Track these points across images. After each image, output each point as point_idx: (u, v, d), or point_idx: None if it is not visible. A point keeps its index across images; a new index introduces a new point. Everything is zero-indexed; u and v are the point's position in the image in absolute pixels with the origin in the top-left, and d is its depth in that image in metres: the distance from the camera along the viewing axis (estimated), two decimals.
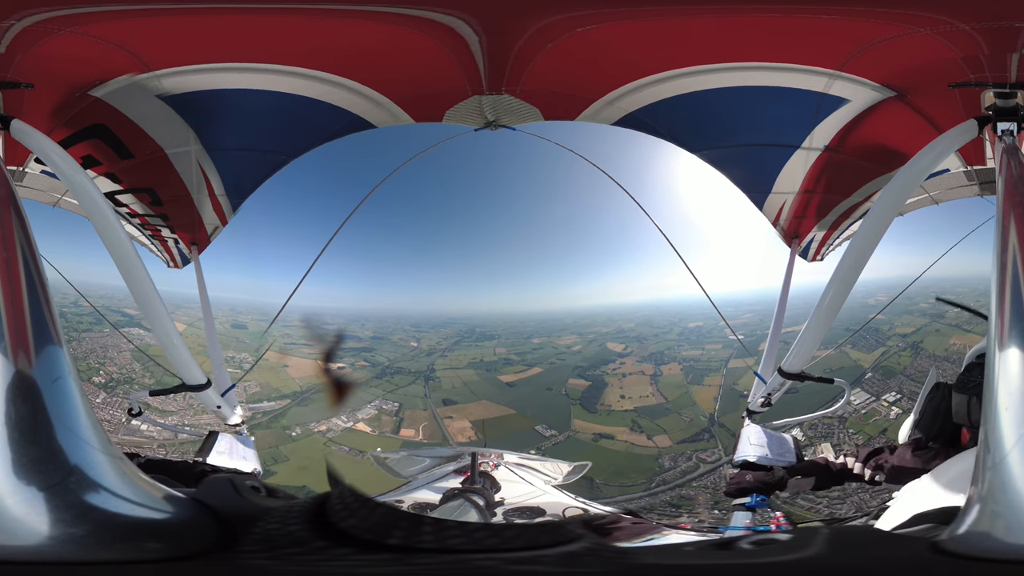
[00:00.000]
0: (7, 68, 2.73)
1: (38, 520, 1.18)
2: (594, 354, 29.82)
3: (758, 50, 3.06)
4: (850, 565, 1.23)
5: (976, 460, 1.44)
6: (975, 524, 1.32)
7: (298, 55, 3.18)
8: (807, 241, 4.87)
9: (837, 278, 3.19)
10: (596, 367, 27.89)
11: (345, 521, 1.28)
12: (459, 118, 3.77)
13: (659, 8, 2.75)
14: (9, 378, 1.29)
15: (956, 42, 2.58)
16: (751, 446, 3.75)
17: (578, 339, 32.34)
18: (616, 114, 3.76)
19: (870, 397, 17.52)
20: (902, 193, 3.03)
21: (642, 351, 28.97)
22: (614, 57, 3.22)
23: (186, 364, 3.86)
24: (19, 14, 2.45)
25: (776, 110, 3.60)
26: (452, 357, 29.56)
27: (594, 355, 29.71)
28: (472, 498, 3.41)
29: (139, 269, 3.22)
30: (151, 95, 3.29)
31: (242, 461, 3.78)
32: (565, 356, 30.44)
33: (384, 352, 28.49)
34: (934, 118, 3.28)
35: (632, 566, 1.32)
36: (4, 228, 1.54)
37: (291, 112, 3.62)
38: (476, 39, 2.87)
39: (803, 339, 3.61)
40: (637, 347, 29.37)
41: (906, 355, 19.65)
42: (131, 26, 2.78)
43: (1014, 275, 1.59)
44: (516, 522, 3.39)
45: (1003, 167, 2.10)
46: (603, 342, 31.41)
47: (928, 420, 3.26)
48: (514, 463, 4.67)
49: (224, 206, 4.43)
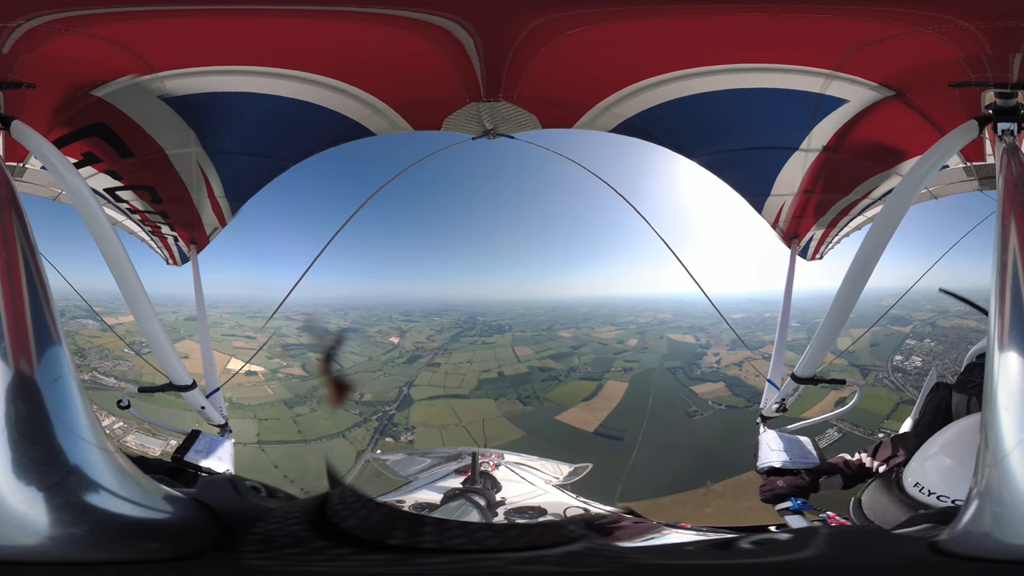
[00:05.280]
0: (9, 68, 2.74)
1: (38, 520, 1.19)
2: (675, 350, 25.87)
3: (753, 51, 3.05)
4: (850, 565, 1.23)
5: (976, 459, 1.44)
6: (975, 524, 1.32)
7: (298, 58, 3.19)
8: (806, 240, 4.87)
9: (847, 283, 3.20)
10: (695, 365, 22.88)
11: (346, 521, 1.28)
12: (457, 126, 3.78)
13: (651, 8, 2.74)
14: (9, 378, 1.29)
15: (958, 42, 2.58)
16: (772, 452, 3.74)
17: (622, 331, 26.92)
18: (613, 121, 3.76)
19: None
20: (908, 197, 3.03)
21: (718, 340, 25.75)
22: (608, 61, 3.22)
23: (172, 364, 3.92)
24: (26, 15, 2.46)
25: (773, 112, 3.60)
26: (448, 368, 23.44)
27: (677, 351, 25.95)
28: (473, 498, 3.41)
29: (130, 272, 3.27)
30: (153, 96, 3.31)
31: (217, 462, 3.81)
32: (628, 353, 25.88)
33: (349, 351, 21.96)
34: (933, 117, 3.28)
35: (633, 566, 1.32)
36: (4, 228, 1.55)
37: (291, 116, 3.62)
38: (471, 41, 2.88)
39: (815, 344, 3.60)
40: (707, 337, 25.47)
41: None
42: (135, 27, 2.79)
43: (1014, 275, 1.59)
44: (517, 522, 3.39)
45: (1003, 167, 2.10)
46: (662, 332, 26.40)
47: (928, 420, 3.26)
48: (515, 463, 4.66)
49: (223, 208, 4.44)
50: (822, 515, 3.00)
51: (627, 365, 25.68)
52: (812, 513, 3.17)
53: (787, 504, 3.23)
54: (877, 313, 5.92)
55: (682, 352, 26.46)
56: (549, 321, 29.24)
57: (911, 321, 24.78)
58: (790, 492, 3.28)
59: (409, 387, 21.41)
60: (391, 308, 29.86)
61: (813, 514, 3.16)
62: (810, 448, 3.77)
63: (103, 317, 7.10)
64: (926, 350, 24.78)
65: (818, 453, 3.73)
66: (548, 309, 31.04)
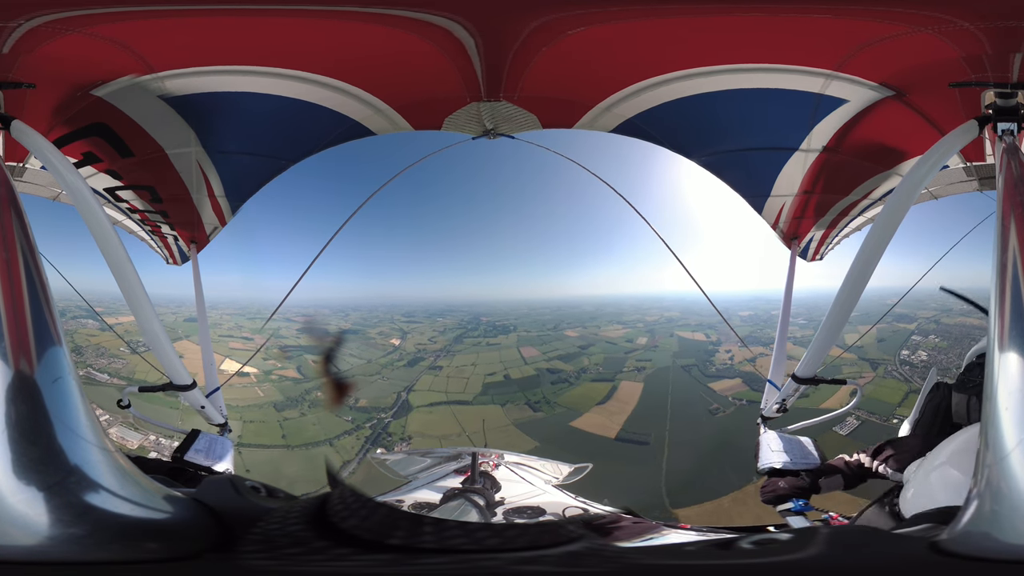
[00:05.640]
0: (9, 68, 2.74)
1: (38, 520, 1.18)
2: (686, 348, 24.89)
3: (753, 51, 3.05)
4: (850, 565, 1.23)
5: (976, 459, 1.44)
6: (975, 524, 1.32)
7: (298, 57, 3.19)
8: (806, 241, 4.87)
9: (847, 284, 3.20)
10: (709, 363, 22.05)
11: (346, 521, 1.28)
12: (458, 126, 3.78)
13: (651, 8, 2.74)
14: (9, 378, 1.28)
15: (958, 41, 2.58)
16: (773, 453, 3.75)
17: (630, 330, 25.96)
18: (613, 121, 3.76)
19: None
20: (908, 197, 3.03)
21: (728, 337, 24.81)
22: (609, 61, 3.22)
23: (172, 364, 3.94)
24: (26, 15, 2.46)
25: (773, 112, 3.60)
26: (451, 371, 22.29)
27: (689, 349, 24.85)
28: (473, 498, 3.41)
29: (130, 272, 3.28)
30: (153, 96, 3.31)
31: (216, 461, 3.82)
32: (639, 352, 24.62)
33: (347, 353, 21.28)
34: (933, 117, 3.28)
35: (633, 566, 1.31)
36: (4, 228, 1.54)
37: (291, 116, 3.63)
38: (472, 41, 2.88)
39: (815, 345, 3.60)
40: (717, 334, 24.88)
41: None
42: (135, 27, 2.79)
43: (1014, 275, 1.59)
44: (517, 522, 3.39)
45: (1003, 167, 2.10)
46: (671, 330, 25.78)
47: (928, 420, 3.27)
48: (514, 463, 4.67)
49: (223, 207, 4.44)
50: (824, 516, 3.01)
51: (639, 364, 24.96)
52: (814, 513, 3.18)
53: (789, 505, 3.24)
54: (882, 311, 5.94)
55: (694, 350, 26.03)
56: (555, 320, 28.45)
57: (916, 319, 24.98)
58: (791, 493, 3.29)
59: (408, 392, 20.11)
60: (393, 309, 29.42)
61: (815, 514, 3.17)
62: (811, 449, 3.78)
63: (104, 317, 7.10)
64: (931, 345, 25.24)
65: (819, 454, 3.74)
66: (553, 308, 30.51)
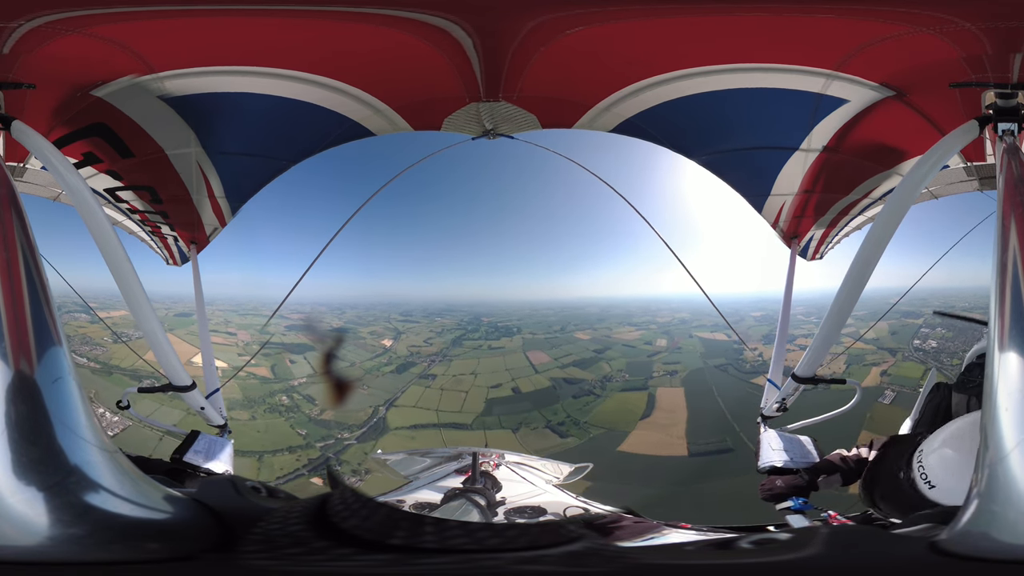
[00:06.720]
0: (10, 68, 2.74)
1: (38, 520, 1.18)
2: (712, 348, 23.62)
3: (753, 51, 3.05)
4: (850, 565, 1.23)
5: (976, 459, 1.44)
6: (974, 524, 1.32)
7: (298, 58, 3.19)
8: (806, 240, 4.87)
9: (847, 283, 3.20)
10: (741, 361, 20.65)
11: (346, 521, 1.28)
12: (457, 126, 3.77)
13: (650, 7, 2.74)
14: (9, 378, 1.29)
15: (959, 42, 2.58)
16: (773, 451, 3.77)
17: (644, 332, 25.47)
18: (613, 121, 3.76)
19: None
20: (908, 197, 3.03)
21: (747, 336, 23.04)
22: (608, 60, 3.22)
23: (172, 365, 3.93)
24: (26, 16, 2.46)
25: (773, 112, 3.59)
26: (446, 382, 17.45)
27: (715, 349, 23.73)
28: (473, 498, 3.41)
29: (129, 272, 3.27)
30: (153, 96, 3.31)
31: (215, 463, 3.83)
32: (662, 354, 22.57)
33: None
34: (933, 117, 3.28)
35: (633, 566, 1.32)
36: (4, 229, 1.55)
37: (291, 117, 3.63)
38: (470, 41, 2.88)
39: (815, 344, 3.61)
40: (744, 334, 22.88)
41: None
42: (135, 27, 2.79)
43: (1014, 275, 1.59)
44: (518, 522, 3.39)
45: (1003, 167, 2.10)
46: (688, 332, 25.04)
47: (928, 419, 3.28)
48: (515, 463, 4.67)
49: (223, 208, 4.44)
50: (823, 514, 3.02)
51: (669, 368, 22.41)
52: (813, 512, 3.19)
53: (788, 503, 3.25)
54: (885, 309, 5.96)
55: (721, 349, 24.81)
56: (561, 322, 26.40)
57: (922, 315, 25.46)
58: (789, 492, 3.29)
59: (388, 407, 16.44)
60: (391, 308, 28.69)
61: (814, 513, 3.17)
62: (810, 448, 3.79)
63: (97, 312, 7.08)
64: (939, 335, 26.46)
65: (819, 451, 3.75)
66: (557, 309, 29.31)
